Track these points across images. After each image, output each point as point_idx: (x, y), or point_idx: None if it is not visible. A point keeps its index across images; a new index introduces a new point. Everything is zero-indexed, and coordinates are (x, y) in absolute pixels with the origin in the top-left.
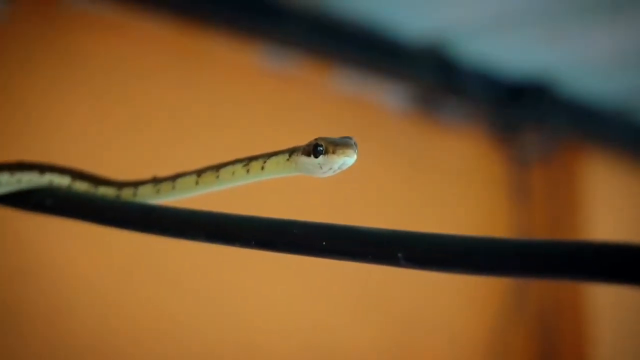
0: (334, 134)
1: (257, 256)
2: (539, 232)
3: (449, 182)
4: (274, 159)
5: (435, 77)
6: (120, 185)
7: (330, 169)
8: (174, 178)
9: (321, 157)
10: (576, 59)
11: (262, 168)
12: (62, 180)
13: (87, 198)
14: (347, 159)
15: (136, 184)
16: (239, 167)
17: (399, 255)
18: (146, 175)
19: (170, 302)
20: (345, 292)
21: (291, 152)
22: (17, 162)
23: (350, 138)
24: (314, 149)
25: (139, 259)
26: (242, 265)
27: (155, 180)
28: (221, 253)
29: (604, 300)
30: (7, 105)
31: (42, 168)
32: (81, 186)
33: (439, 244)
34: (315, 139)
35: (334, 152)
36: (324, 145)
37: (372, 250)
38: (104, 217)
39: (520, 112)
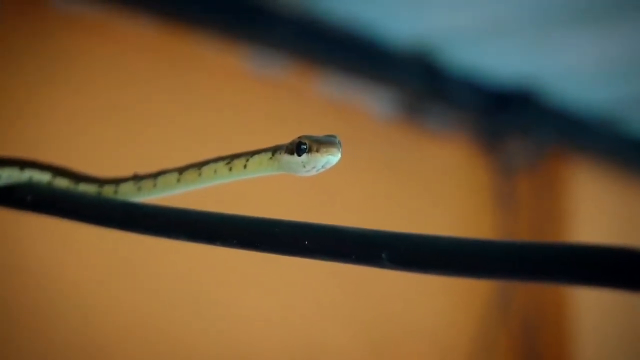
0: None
1: (241, 260)
2: (523, 240)
3: (434, 189)
4: (256, 157)
5: (422, 84)
6: (102, 182)
7: (314, 167)
8: (155, 175)
9: (304, 156)
10: (562, 68)
11: (245, 166)
12: (43, 177)
13: (68, 195)
14: (331, 158)
15: (117, 182)
16: (221, 165)
17: (383, 255)
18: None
19: (160, 303)
20: (328, 294)
21: (274, 150)
22: None
23: (334, 136)
24: (297, 147)
25: (128, 261)
26: (227, 268)
27: (137, 178)
28: (207, 256)
29: (587, 304)
30: None
31: (23, 164)
32: (62, 183)
33: (423, 245)
34: (299, 137)
35: (317, 151)
36: (307, 144)
37: (355, 251)
38: (85, 215)
39: (506, 119)
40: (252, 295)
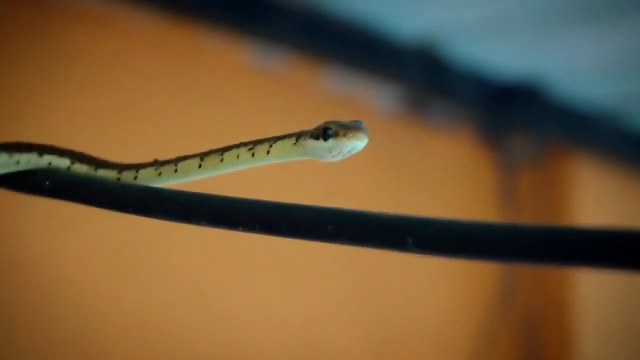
0: None
1: (242, 259)
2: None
3: (436, 185)
4: (280, 143)
5: (426, 79)
6: (121, 168)
7: (340, 152)
8: (176, 161)
9: (331, 141)
10: (566, 64)
11: (268, 152)
12: (62, 162)
13: (87, 180)
14: (358, 143)
15: (137, 167)
16: (243, 151)
17: (409, 240)
18: None
19: (160, 303)
20: (329, 294)
21: (298, 136)
22: (15, 143)
23: (360, 122)
24: (324, 132)
25: (128, 260)
26: (228, 268)
27: (157, 163)
28: (209, 255)
29: (589, 300)
30: None
31: (41, 149)
32: (81, 168)
33: (449, 229)
34: (325, 122)
35: (344, 136)
36: (333, 129)
37: (380, 235)
38: (104, 200)
39: (509, 115)
40: (252, 295)
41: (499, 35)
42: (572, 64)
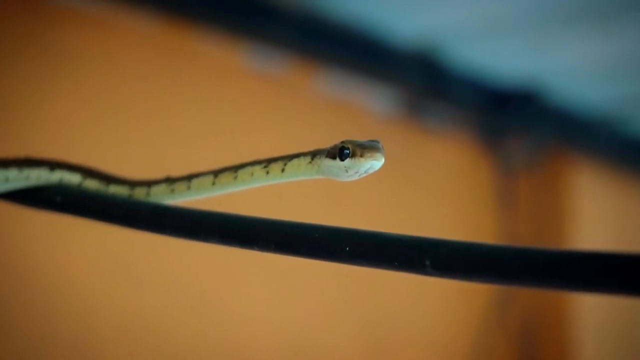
0: (320, 136)
1: (241, 261)
2: (524, 239)
3: (435, 188)
4: (295, 161)
5: (423, 82)
6: (133, 184)
7: (357, 172)
8: (189, 178)
9: (347, 160)
10: (564, 67)
11: (283, 170)
12: (73, 178)
13: (98, 196)
14: (375, 163)
15: (149, 184)
16: (258, 169)
17: (426, 262)
18: (129, 172)
19: (158, 303)
20: (327, 296)
21: (313, 154)
22: (26, 157)
23: (377, 142)
24: (340, 152)
25: (127, 261)
26: (227, 268)
27: (170, 180)
28: (206, 255)
29: (587, 308)
30: None
31: (52, 165)
32: (92, 184)
33: (467, 252)
34: (342, 142)
35: (361, 156)
36: (351, 148)
37: (397, 257)
38: (115, 216)
39: (507, 118)
40: (251, 296)
41: (497, 39)
42: (569, 68)
